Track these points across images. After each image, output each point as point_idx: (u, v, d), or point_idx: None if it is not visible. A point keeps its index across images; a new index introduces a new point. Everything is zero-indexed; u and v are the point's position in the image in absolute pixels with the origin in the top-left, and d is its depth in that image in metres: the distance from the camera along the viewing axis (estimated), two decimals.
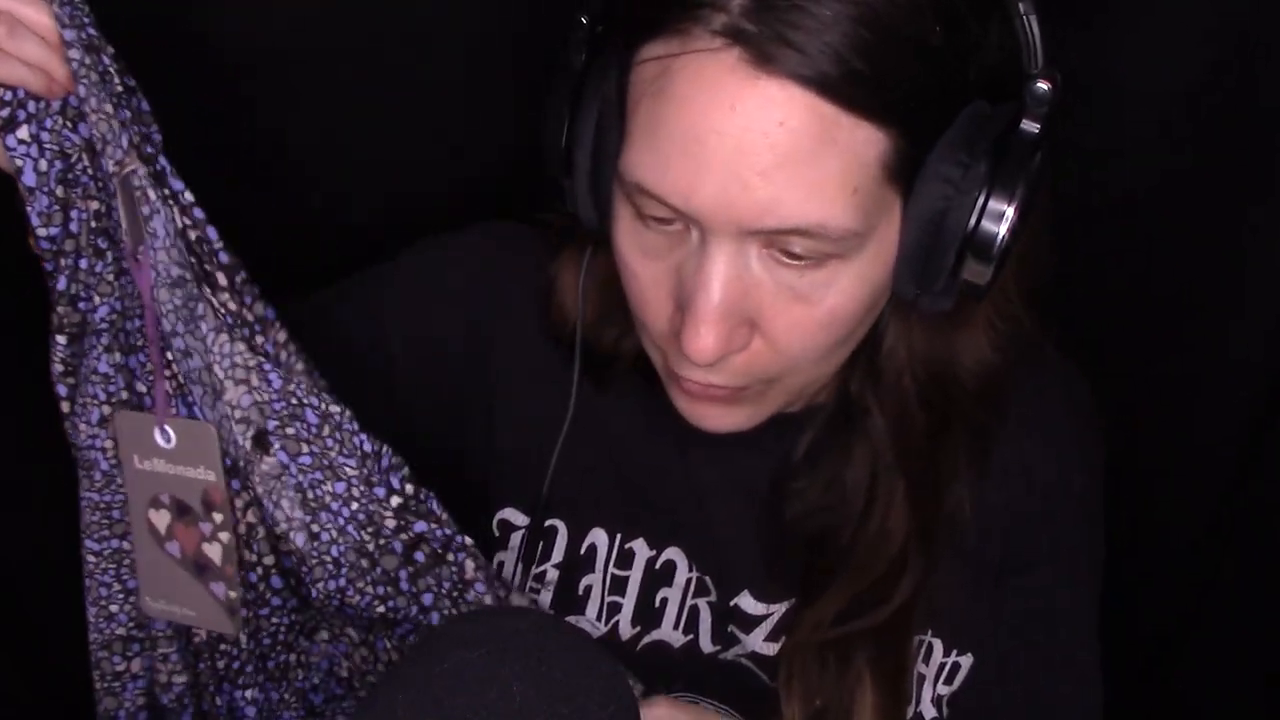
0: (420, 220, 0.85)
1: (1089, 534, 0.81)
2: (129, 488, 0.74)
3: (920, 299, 0.66)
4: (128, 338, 0.71)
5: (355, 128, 0.88)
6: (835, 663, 0.73)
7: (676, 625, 0.79)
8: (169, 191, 0.66)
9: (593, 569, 0.79)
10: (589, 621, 0.79)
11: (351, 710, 0.81)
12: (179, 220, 0.66)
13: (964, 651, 0.77)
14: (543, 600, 0.79)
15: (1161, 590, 1.02)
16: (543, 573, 0.79)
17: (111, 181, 0.66)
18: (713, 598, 0.79)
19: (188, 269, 0.67)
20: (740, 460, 0.78)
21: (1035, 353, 0.77)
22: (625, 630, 0.78)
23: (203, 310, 0.68)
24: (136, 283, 0.69)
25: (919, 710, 0.77)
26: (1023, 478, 0.78)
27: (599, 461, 0.79)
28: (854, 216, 0.60)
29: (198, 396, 0.71)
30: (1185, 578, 1.01)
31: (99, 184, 0.68)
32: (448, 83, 0.89)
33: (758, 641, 0.78)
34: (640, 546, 0.79)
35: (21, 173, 0.66)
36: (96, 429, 0.73)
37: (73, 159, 0.67)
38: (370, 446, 0.70)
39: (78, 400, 0.72)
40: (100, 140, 0.66)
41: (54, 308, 0.69)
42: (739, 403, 0.70)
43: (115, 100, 0.65)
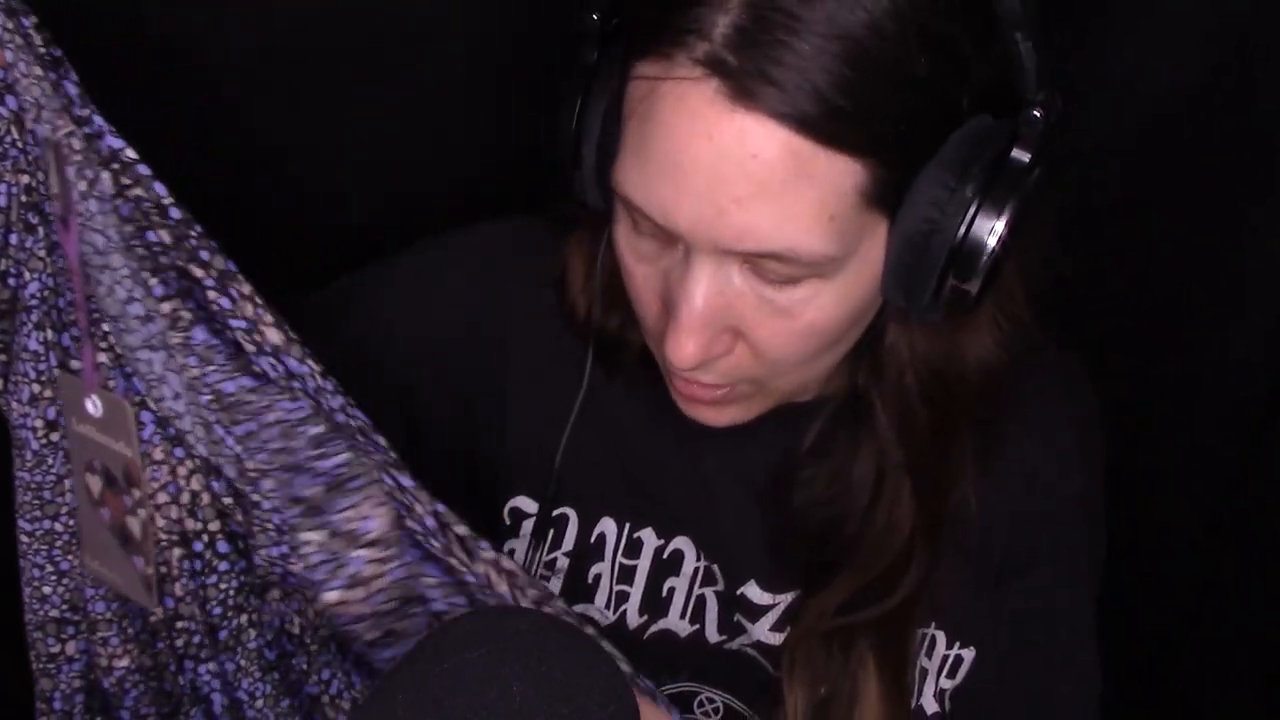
0: (420, 220, 0.85)
1: (1089, 534, 0.81)
2: (71, 447, 0.73)
3: (911, 310, 0.66)
4: (60, 315, 0.70)
5: (355, 127, 0.88)
6: (839, 651, 0.74)
7: (683, 615, 0.79)
8: (107, 152, 0.64)
9: (602, 557, 0.80)
10: (598, 609, 0.79)
11: (303, 667, 0.81)
12: (120, 181, 0.64)
13: (967, 644, 0.78)
14: (553, 587, 0.80)
15: (1161, 590, 1.02)
16: (553, 560, 0.80)
17: (44, 150, 0.65)
18: (719, 587, 0.79)
19: (126, 233, 0.65)
20: (748, 451, 0.78)
21: (1037, 352, 0.77)
22: (633, 619, 0.79)
23: (147, 271, 0.66)
24: (64, 250, 0.67)
25: (920, 704, 0.77)
26: (1024, 477, 0.78)
27: (607, 452, 0.80)
28: (829, 243, 0.61)
29: (139, 367, 0.69)
30: (1185, 578, 1.01)
31: (29, 158, 0.66)
32: (448, 83, 0.89)
33: (763, 631, 0.79)
34: (648, 536, 0.80)
35: None
36: (27, 407, 0.72)
37: (0, 133, 0.65)
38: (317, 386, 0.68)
39: (10, 378, 0.71)
40: (34, 106, 0.64)
41: None
42: (731, 401, 0.71)
43: (43, 64, 0.63)
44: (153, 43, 0.80)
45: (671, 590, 0.79)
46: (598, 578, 0.80)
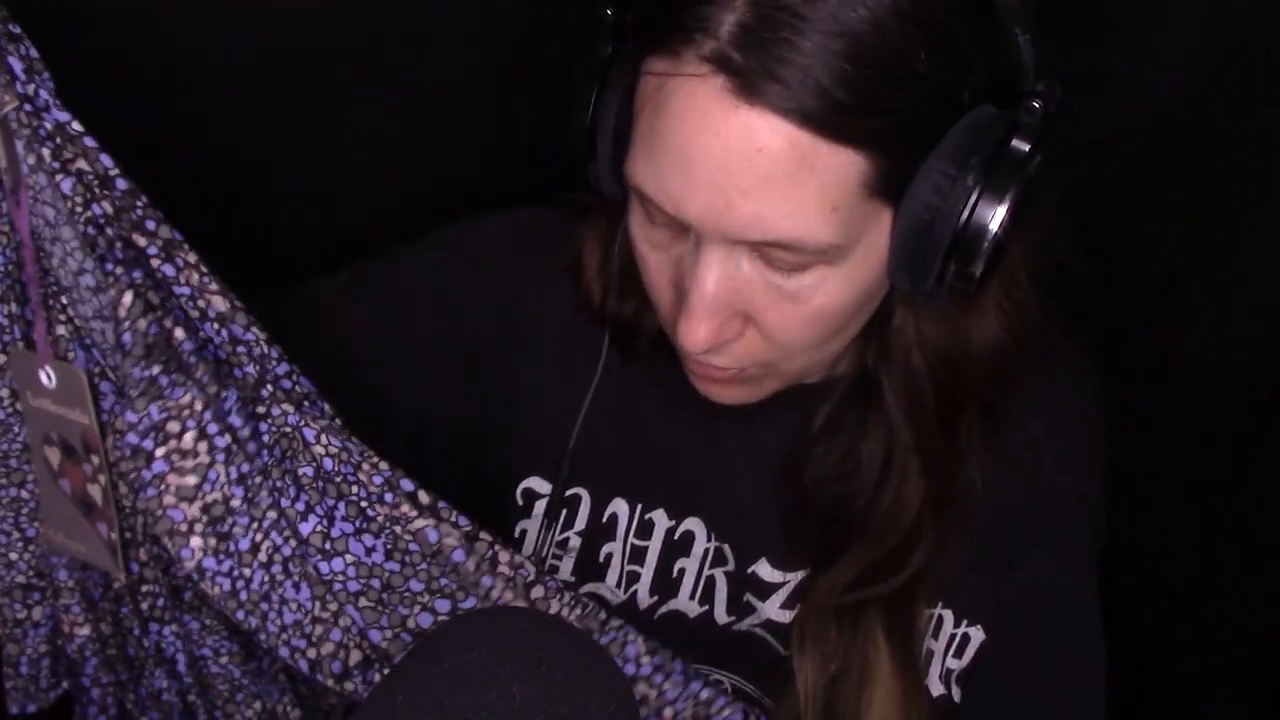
0: (420, 220, 0.85)
1: (1091, 518, 0.82)
2: (28, 422, 0.74)
3: (917, 294, 0.68)
4: (23, 289, 0.71)
5: (355, 127, 0.88)
6: (849, 626, 0.76)
7: (693, 595, 0.81)
8: (52, 125, 0.65)
9: (614, 537, 0.81)
10: (609, 589, 0.81)
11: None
12: (61, 155, 0.65)
13: (974, 623, 0.78)
14: (564, 567, 0.81)
15: (1161, 590, 1.02)
16: (565, 539, 0.81)
17: None
18: (730, 567, 0.81)
19: (70, 206, 0.65)
20: (760, 430, 0.80)
21: (1041, 337, 0.78)
22: (643, 599, 0.81)
23: (94, 243, 0.66)
24: (14, 223, 0.68)
25: (925, 685, 0.77)
26: (1026, 461, 0.79)
27: (621, 434, 0.82)
28: (833, 232, 0.63)
29: (94, 338, 0.70)
30: (1185, 578, 1.01)
31: None
32: (448, 83, 0.89)
33: (774, 609, 0.80)
34: (660, 517, 0.81)
35: None
36: None
37: None
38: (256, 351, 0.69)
39: None
40: None
41: None
42: (743, 382, 0.73)
43: None
44: (153, 43, 0.80)
45: (682, 571, 0.81)
46: (609, 557, 0.81)
